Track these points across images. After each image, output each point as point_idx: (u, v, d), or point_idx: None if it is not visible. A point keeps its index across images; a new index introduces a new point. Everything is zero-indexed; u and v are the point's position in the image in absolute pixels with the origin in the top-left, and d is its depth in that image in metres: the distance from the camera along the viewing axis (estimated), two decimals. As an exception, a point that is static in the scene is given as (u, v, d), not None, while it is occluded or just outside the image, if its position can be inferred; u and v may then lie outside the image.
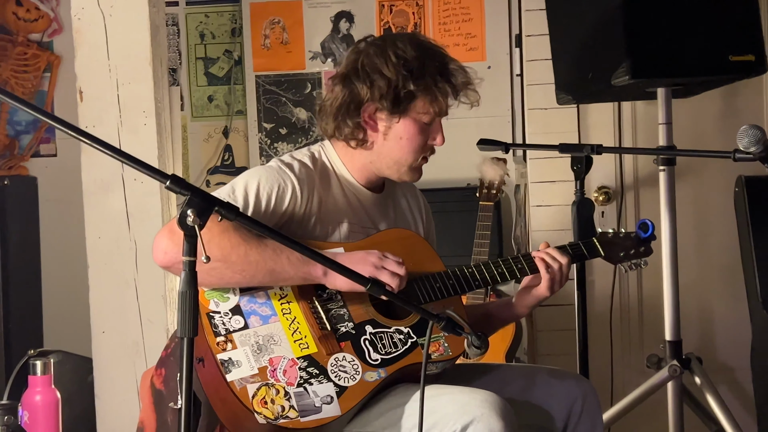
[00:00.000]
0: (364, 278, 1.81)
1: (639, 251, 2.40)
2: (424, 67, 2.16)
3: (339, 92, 2.22)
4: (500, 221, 4.00)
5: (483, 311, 2.41)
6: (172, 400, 2.19)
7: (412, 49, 2.18)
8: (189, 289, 1.56)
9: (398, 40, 2.21)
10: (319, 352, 2.01)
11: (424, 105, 2.18)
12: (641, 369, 3.43)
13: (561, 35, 3.28)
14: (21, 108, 1.49)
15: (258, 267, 2.01)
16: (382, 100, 2.16)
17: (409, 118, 2.18)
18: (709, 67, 2.87)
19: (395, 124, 2.19)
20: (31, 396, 2.95)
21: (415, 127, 2.19)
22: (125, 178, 3.04)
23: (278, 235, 1.72)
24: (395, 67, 2.15)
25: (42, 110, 1.52)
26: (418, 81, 2.15)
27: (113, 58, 3.05)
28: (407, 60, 2.16)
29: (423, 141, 2.22)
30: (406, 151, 2.21)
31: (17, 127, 4.34)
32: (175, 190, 1.55)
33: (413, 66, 2.16)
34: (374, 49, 2.20)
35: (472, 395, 1.96)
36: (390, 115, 2.18)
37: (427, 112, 2.18)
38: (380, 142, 2.21)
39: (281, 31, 4.24)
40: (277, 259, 2.01)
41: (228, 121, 4.31)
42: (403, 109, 2.17)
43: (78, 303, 3.34)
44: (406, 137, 2.20)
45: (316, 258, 1.78)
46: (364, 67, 2.19)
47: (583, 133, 3.82)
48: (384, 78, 2.15)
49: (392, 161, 2.23)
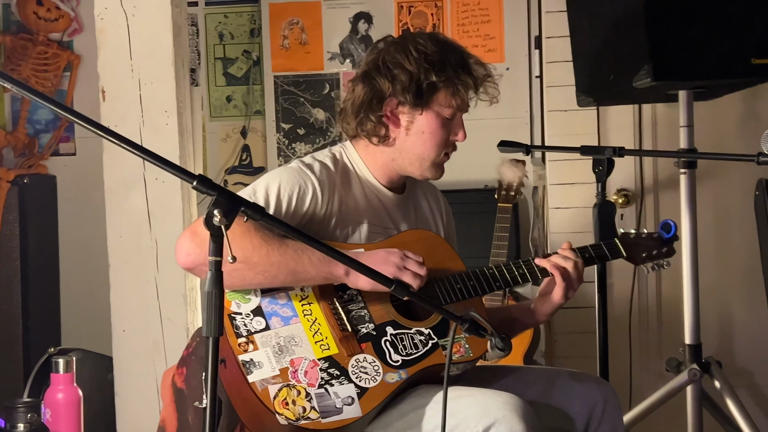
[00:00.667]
0: (388, 279, 1.81)
1: (661, 252, 2.39)
2: (445, 61, 2.18)
3: (360, 90, 2.23)
4: (518, 223, 4.00)
5: (505, 315, 2.40)
6: (194, 399, 2.19)
7: (432, 44, 2.20)
8: (215, 288, 1.56)
9: (418, 37, 2.23)
10: (340, 353, 2.01)
11: (446, 98, 2.18)
12: (660, 372, 3.42)
13: (582, 37, 3.28)
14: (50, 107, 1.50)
15: (280, 268, 2.02)
16: (404, 93, 2.17)
17: (431, 112, 2.19)
18: (731, 70, 2.85)
19: (417, 118, 2.20)
20: (54, 394, 2.96)
21: (437, 121, 2.20)
22: (147, 178, 3.05)
23: (302, 234, 1.72)
24: (416, 61, 2.17)
25: (71, 110, 1.53)
26: (440, 73, 2.16)
27: (135, 57, 3.06)
28: (428, 54, 2.17)
29: (445, 136, 2.22)
30: (428, 145, 2.21)
31: (37, 126, 4.36)
32: (202, 190, 1.55)
33: (434, 59, 2.17)
34: (394, 46, 2.22)
35: (494, 397, 1.96)
36: (412, 108, 2.19)
37: (449, 105, 2.19)
38: (402, 138, 2.22)
39: (300, 31, 4.25)
40: (298, 259, 2.02)
41: (246, 122, 4.32)
42: (425, 102, 2.18)
43: (96, 301, 3.36)
44: (429, 131, 2.20)
45: (338, 258, 1.77)
46: (386, 63, 2.20)
47: (602, 136, 3.81)
48: (405, 71, 2.17)
49: (415, 157, 2.23)
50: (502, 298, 3.40)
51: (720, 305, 3.81)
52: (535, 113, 4.09)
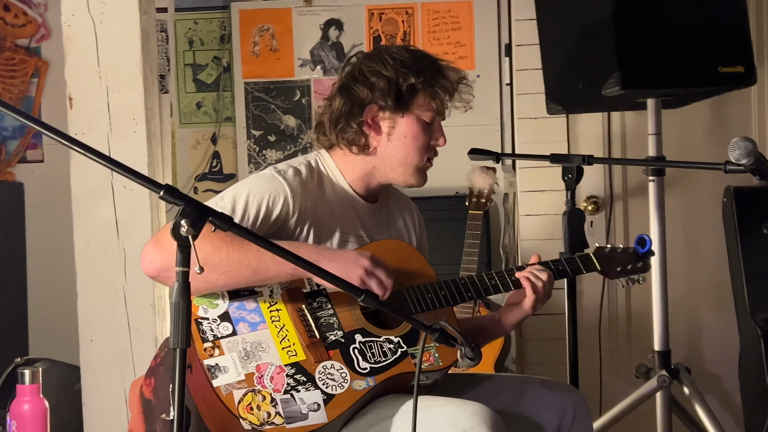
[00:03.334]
0: (357, 289, 1.80)
1: (636, 267, 2.40)
2: (421, 65, 2.21)
3: (338, 103, 2.24)
4: (488, 230, 4.00)
5: (474, 324, 2.42)
6: (162, 410, 2.17)
7: (405, 52, 2.24)
8: (182, 299, 1.55)
9: (391, 48, 2.27)
10: (307, 359, 2.01)
11: (425, 100, 2.21)
12: (630, 379, 3.44)
13: (551, 45, 3.29)
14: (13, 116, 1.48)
15: (241, 266, 2.00)
16: (384, 97, 2.19)
17: (412, 115, 2.21)
18: (699, 79, 2.88)
19: (399, 122, 2.21)
20: (19, 405, 2.92)
21: (418, 124, 2.22)
22: (114, 186, 3.02)
23: (270, 245, 1.71)
24: (393, 67, 2.20)
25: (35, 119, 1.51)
26: (418, 75, 2.19)
27: (103, 65, 3.03)
28: (403, 60, 2.21)
29: (426, 140, 2.24)
30: (411, 150, 2.22)
31: (4, 133, 4.31)
32: (168, 200, 1.54)
33: (410, 64, 2.21)
34: (369, 57, 2.26)
35: (463, 407, 1.96)
36: (393, 113, 2.21)
37: (429, 108, 2.22)
38: (384, 144, 2.23)
39: (270, 38, 4.23)
40: (260, 257, 2.01)
41: (216, 128, 4.30)
42: (405, 106, 2.20)
43: (64, 310, 3.32)
44: (411, 135, 2.22)
45: (305, 266, 1.74)
46: (362, 72, 2.22)
47: (572, 143, 3.83)
48: (383, 78, 2.19)
49: (398, 162, 2.24)
50: (473, 305, 3.40)
51: (689, 312, 3.84)
52: (505, 120, 4.10)
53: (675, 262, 3.56)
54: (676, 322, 3.44)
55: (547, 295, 2.26)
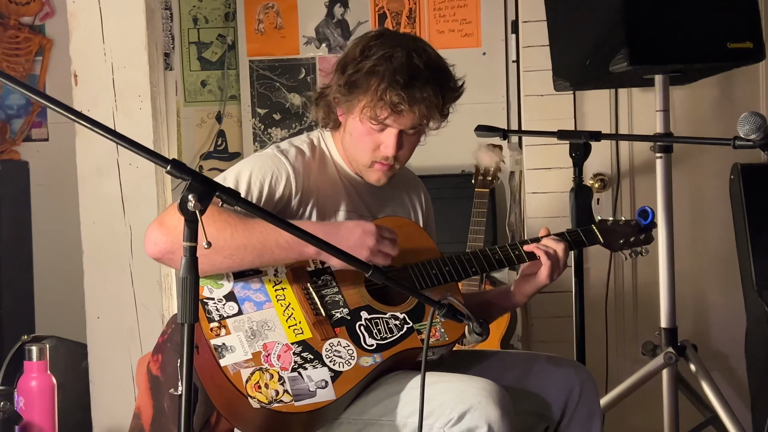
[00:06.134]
0: (365, 264, 1.79)
1: (639, 239, 2.39)
2: (380, 70, 2.09)
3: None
4: (494, 208, 4.00)
5: (481, 299, 2.40)
6: (170, 386, 2.18)
7: (383, 50, 2.11)
8: (189, 274, 1.54)
9: (384, 40, 2.15)
10: (313, 337, 2.01)
11: (367, 108, 2.11)
12: (636, 356, 3.44)
13: (558, 21, 3.27)
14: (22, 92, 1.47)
15: (246, 250, 2.00)
16: (339, 89, 2.15)
17: (356, 117, 2.16)
18: (707, 54, 2.86)
19: (349, 119, 2.19)
20: (27, 382, 2.94)
21: (362, 127, 2.16)
22: (120, 163, 3.03)
23: (275, 218, 1.71)
24: (355, 63, 2.13)
25: (45, 95, 1.50)
26: (369, 79, 2.09)
27: (108, 41, 3.03)
28: (367, 58, 2.12)
29: (371, 145, 2.16)
30: (355, 148, 2.20)
31: (8, 111, 4.31)
32: (176, 174, 1.53)
33: (368, 66, 2.10)
34: (358, 41, 2.19)
35: (470, 383, 1.96)
36: (342, 107, 2.18)
37: (373, 117, 2.12)
38: (342, 133, 2.23)
39: (275, 15, 4.21)
40: (264, 240, 2.00)
41: (221, 107, 4.29)
42: (349, 106, 2.15)
43: (70, 288, 3.33)
44: (355, 134, 2.18)
45: (312, 241, 1.73)
46: (344, 56, 2.19)
47: (579, 120, 3.81)
48: (343, 71, 2.15)
49: (350, 155, 2.23)
50: (479, 283, 3.40)
51: (696, 289, 3.83)
52: (511, 98, 4.09)
53: (682, 240, 3.56)
54: (683, 299, 3.44)
55: (564, 263, 2.24)
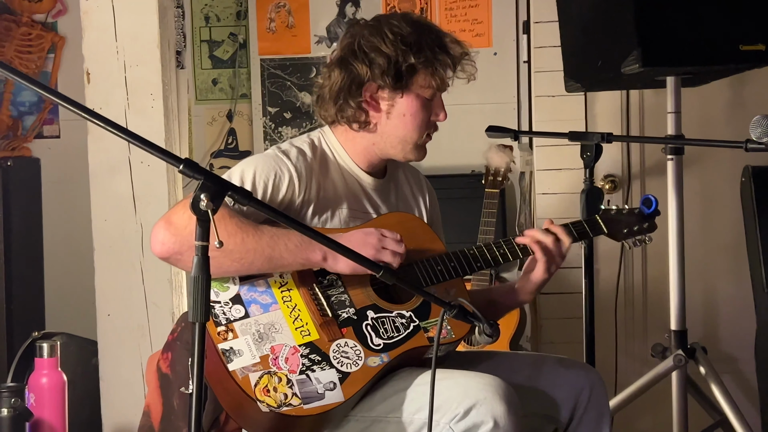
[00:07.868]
0: (376, 264, 1.80)
1: (643, 227, 2.37)
2: (422, 41, 2.16)
3: (337, 76, 2.20)
4: (505, 208, 3.99)
5: (487, 297, 2.39)
6: (179, 384, 2.18)
7: (407, 25, 2.18)
8: (201, 273, 1.55)
9: (392, 18, 2.21)
10: (320, 338, 2.00)
11: (425, 79, 2.18)
12: (645, 358, 3.43)
13: (570, 22, 3.27)
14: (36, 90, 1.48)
15: (255, 254, 2.00)
16: (383, 77, 2.15)
17: (411, 94, 2.18)
18: (719, 56, 2.85)
19: (398, 101, 2.18)
20: (38, 378, 2.94)
21: (417, 102, 2.19)
22: (132, 161, 3.03)
23: (285, 217, 1.71)
24: (393, 44, 2.15)
25: (56, 92, 1.50)
26: (418, 54, 2.15)
27: (121, 39, 3.04)
28: (404, 35, 2.16)
29: (426, 117, 2.21)
30: (410, 128, 2.20)
31: (20, 108, 4.32)
32: (188, 174, 1.54)
33: (411, 40, 2.15)
34: (369, 30, 2.19)
35: (475, 379, 1.96)
36: (392, 92, 2.17)
37: (429, 86, 2.18)
38: (383, 122, 2.21)
39: (287, 14, 4.22)
40: (274, 246, 2.00)
41: (232, 105, 4.29)
42: (405, 85, 2.17)
43: (81, 285, 3.34)
44: (410, 113, 2.19)
45: (322, 241, 1.74)
46: (362, 48, 2.18)
47: (590, 122, 3.81)
48: (383, 55, 2.15)
49: (397, 140, 2.22)
50: (488, 283, 3.40)
51: (706, 292, 3.82)
52: (522, 98, 4.08)
53: (692, 243, 3.54)
54: (693, 301, 3.43)
55: (560, 255, 2.23)
